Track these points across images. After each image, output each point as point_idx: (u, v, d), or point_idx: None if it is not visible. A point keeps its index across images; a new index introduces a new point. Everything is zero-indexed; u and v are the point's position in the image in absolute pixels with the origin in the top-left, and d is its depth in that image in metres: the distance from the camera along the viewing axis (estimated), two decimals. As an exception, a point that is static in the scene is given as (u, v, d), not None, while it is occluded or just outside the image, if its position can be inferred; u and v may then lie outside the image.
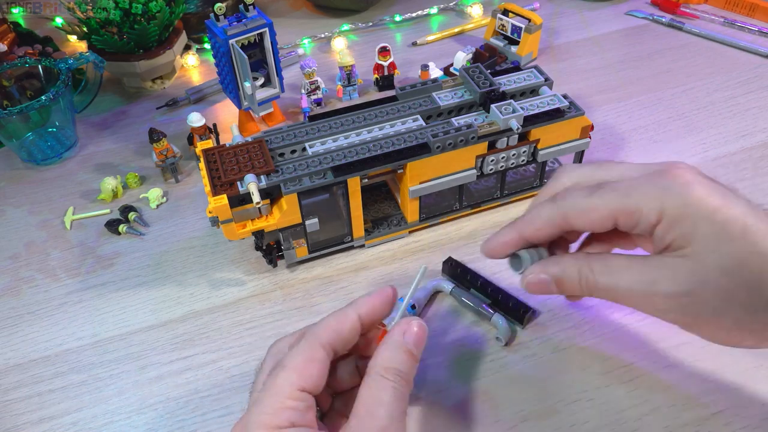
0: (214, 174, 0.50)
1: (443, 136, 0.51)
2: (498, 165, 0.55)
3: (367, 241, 0.57)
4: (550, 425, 0.44)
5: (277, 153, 0.52)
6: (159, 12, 0.73)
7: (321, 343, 0.34)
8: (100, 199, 0.65)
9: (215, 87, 0.78)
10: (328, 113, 0.55)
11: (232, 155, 0.51)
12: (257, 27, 0.62)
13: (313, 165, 0.50)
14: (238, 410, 0.46)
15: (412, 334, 0.35)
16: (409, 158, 0.51)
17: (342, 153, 0.51)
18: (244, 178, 0.48)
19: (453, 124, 0.53)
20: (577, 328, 0.49)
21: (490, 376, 0.47)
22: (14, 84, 0.71)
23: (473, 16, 0.90)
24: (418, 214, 0.57)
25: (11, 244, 0.61)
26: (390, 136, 0.53)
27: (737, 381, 0.45)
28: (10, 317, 0.54)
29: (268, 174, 0.49)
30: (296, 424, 0.32)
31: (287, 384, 0.33)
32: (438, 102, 0.56)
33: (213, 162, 0.51)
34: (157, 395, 0.48)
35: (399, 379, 0.34)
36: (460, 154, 0.52)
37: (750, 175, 0.61)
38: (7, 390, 0.49)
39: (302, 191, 0.49)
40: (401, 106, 0.56)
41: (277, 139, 0.53)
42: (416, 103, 0.56)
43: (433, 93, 0.57)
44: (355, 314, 0.36)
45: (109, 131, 0.74)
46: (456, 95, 0.56)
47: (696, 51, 0.80)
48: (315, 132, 0.53)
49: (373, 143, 0.52)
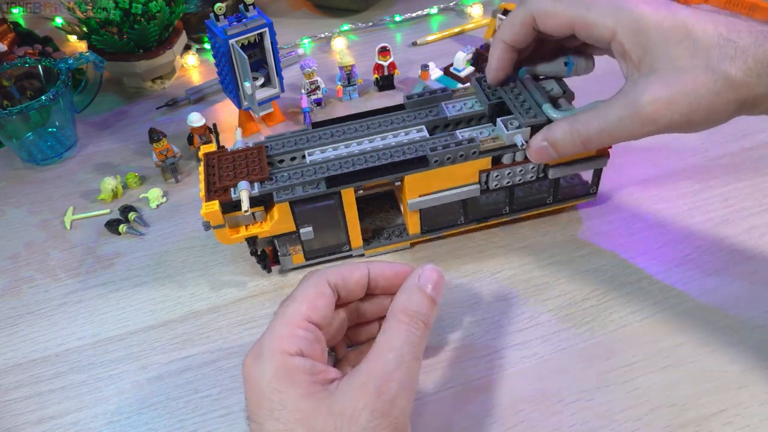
0: (211, 179, 0.50)
1: (442, 150, 0.48)
2: (504, 181, 0.52)
3: (367, 251, 0.56)
4: (550, 425, 0.44)
5: (277, 159, 0.52)
6: (159, 12, 0.73)
7: (328, 281, 0.37)
8: (100, 199, 0.65)
9: (215, 87, 0.78)
10: (333, 120, 0.54)
11: (230, 160, 0.50)
12: (257, 27, 0.62)
13: (308, 174, 0.49)
14: (238, 410, 0.46)
15: (427, 277, 0.37)
16: (406, 171, 0.49)
17: (338, 163, 0.50)
18: (238, 184, 0.48)
19: (456, 137, 0.51)
20: (576, 328, 0.49)
21: (490, 375, 0.47)
22: (14, 84, 0.71)
23: (473, 16, 0.90)
24: (419, 226, 0.55)
25: (11, 244, 0.61)
26: (390, 147, 0.51)
27: (737, 381, 0.45)
28: (10, 317, 0.54)
29: (262, 181, 0.49)
30: (305, 353, 0.34)
31: (297, 314, 0.35)
32: (446, 112, 0.53)
33: (212, 167, 0.51)
34: (157, 395, 0.48)
35: (414, 321, 0.35)
36: (461, 168, 0.50)
37: (750, 175, 0.61)
38: (7, 390, 0.49)
39: (295, 200, 0.48)
40: (407, 116, 0.54)
41: (278, 146, 0.52)
42: (423, 112, 0.54)
43: (443, 103, 0.54)
44: (366, 269, 0.39)
45: (109, 131, 0.74)
46: (466, 106, 0.53)
47: (696, 51, 0.80)
48: (316, 139, 0.52)
49: (372, 154, 0.50)
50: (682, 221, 0.57)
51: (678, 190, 0.60)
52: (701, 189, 0.60)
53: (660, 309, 0.50)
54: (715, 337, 0.48)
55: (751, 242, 0.55)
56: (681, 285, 0.52)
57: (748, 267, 0.53)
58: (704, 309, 0.50)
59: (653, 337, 0.48)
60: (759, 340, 0.47)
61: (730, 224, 0.56)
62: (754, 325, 0.48)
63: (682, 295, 0.51)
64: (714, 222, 0.57)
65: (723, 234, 0.56)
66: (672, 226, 0.57)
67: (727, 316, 0.49)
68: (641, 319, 0.50)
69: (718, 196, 0.59)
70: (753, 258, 0.53)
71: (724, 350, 0.47)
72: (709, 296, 0.51)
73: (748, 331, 0.48)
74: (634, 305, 0.51)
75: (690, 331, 0.49)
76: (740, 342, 0.47)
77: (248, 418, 0.35)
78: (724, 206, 0.58)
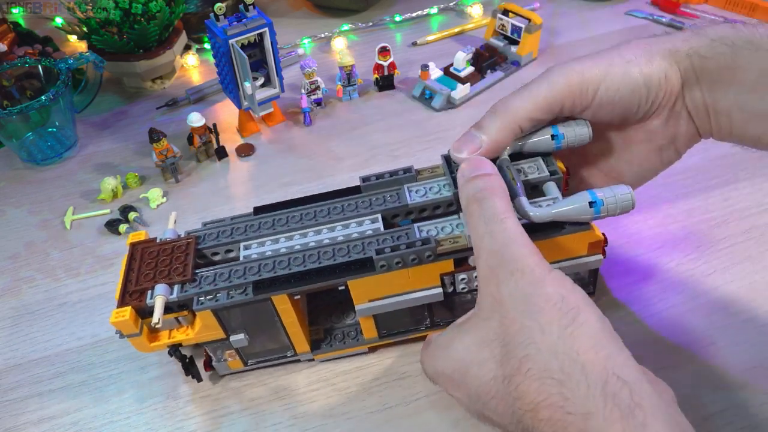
0: (129, 278, 0.43)
1: (390, 253, 0.41)
2: (473, 284, 0.44)
3: (316, 356, 0.48)
4: (550, 425, 0.44)
5: (210, 252, 0.45)
6: (159, 12, 0.73)
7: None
8: (100, 199, 0.65)
9: (215, 87, 0.78)
10: (279, 204, 0.47)
11: (154, 255, 0.44)
12: (257, 27, 0.62)
13: (236, 275, 0.42)
14: (238, 410, 0.46)
15: (463, 169, 0.39)
16: (348, 276, 0.41)
17: (272, 262, 0.43)
18: (155, 288, 0.42)
19: (413, 234, 0.43)
20: (577, 328, 0.49)
21: (490, 376, 0.47)
22: (14, 84, 0.71)
23: (473, 16, 0.90)
24: (375, 330, 0.47)
25: (11, 244, 0.61)
26: (335, 243, 0.43)
27: (737, 381, 0.45)
28: (10, 317, 0.54)
29: (183, 284, 0.42)
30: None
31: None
32: (408, 199, 0.45)
33: (134, 261, 0.44)
34: (157, 395, 0.48)
35: (476, 200, 0.36)
36: (417, 271, 0.42)
37: (750, 175, 0.61)
38: (7, 390, 0.49)
39: (217, 308, 0.42)
40: (362, 201, 0.46)
41: (212, 236, 0.46)
42: (381, 198, 0.46)
43: (405, 186, 0.46)
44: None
45: (109, 131, 0.74)
46: (431, 191, 0.45)
47: (696, 51, 0.80)
48: (255, 229, 0.45)
49: (312, 252, 0.43)
50: (682, 221, 0.57)
51: (678, 190, 0.60)
52: (701, 189, 0.60)
53: (660, 309, 0.50)
54: (715, 337, 0.48)
55: (751, 242, 0.55)
56: (681, 285, 0.52)
57: (748, 267, 0.53)
58: (704, 309, 0.50)
59: (653, 337, 0.48)
60: (759, 340, 0.47)
61: (730, 224, 0.56)
62: (754, 325, 0.48)
63: (681, 295, 0.51)
64: (714, 222, 0.57)
65: (723, 234, 0.56)
66: (672, 225, 0.57)
67: (727, 316, 0.49)
68: (641, 319, 0.50)
69: (718, 196, 0.59)
70: (753, 258, 0.53)
71: (724, 350, 0.47)
72: (709, 296, 0.51)
73: (748, 331, 0.48)
74: (634, 305, 0.51)
75: (690, 331, 0.49)
76: (740, 342, 0.47)
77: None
78: (724, 206, 0.58)
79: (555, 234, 0.42)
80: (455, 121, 0.72)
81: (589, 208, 0.39)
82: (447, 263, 0.42)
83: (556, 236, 0.42)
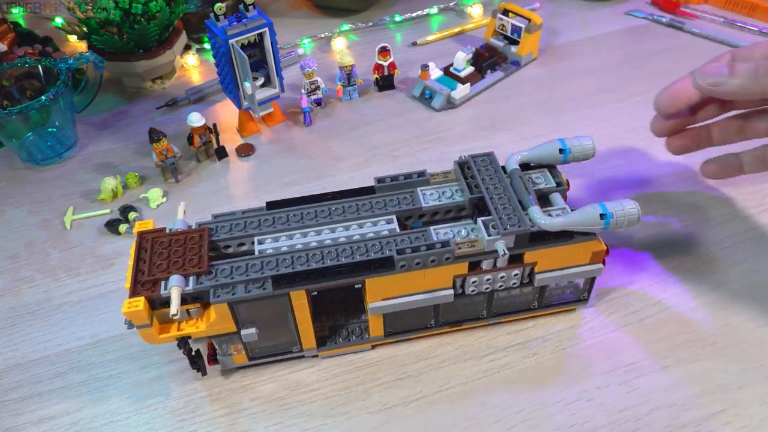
0: (140, 267, 0.42)
1: (411, 253, 0.42)
2: (482, 287, 0.45)
3: (321, 352, 0.48)
4: (550, 425, 0.44)
5: (222, 245, 0.45)
6: (159, 12, 0.73)
7: None
8: (100, 199, 0.65)
9: (215, 87, 0.78)
10: (292, 201, 0.47)
11: (166, 245, 0.43)
12: (257, 27, 0.62)
13: (254, 270, 0.42)
14: (238, 410, 0.46)
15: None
16: (367, 274, 0.42)
17: (290, 258, 0.43)
18: (170, 278, 0.41)
19: (430, 236, 0.44)
20: (576, 328, 0.49)
21: (490, 376, 0.47)
22: (14, 84, 0.71)
23: (473, 16, 0.90)
24: (382, 328, 0.48)
25: (11, 244, 0.61)
26: (353, 242, 0.43)
27: (737, 381, 0.45)
28: (10, 317, 0.54)
29: (199, 275, 0.42)
30: None
31: None
32: (421, 202, 0.46)
33: (144, 250, 0.43)
34: (157, 395, 0.48)
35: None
36: (432, 272, 0.43)
37: (750, 175, 0.60)
38: (7, 390, 0.49)
39: (234, 302, 0.42)
40: (376, 202, 0.46)
41: (224, 228, 0.45)
42: (395, 199, 0.47)
43: (418, 189, 0.47)
44: None
45: (109, 131, 0.74)
46: (444, 195, 0.46)
47: (696, 51, 0.80)
48: (269, 224, 0.45)
49: (330, 249, 0.43)
50: (682, 221, 0.57)
51: (678, 190, 0.60)
52: (702, 189, 0.60)
53: (660, 309, 0.50)
54: (716, 337, 0.48)
55: (751, 242, 0.55)
56: (681, 285, 0.52)
57: (748, 267, 0.53)
58: (704, 309, 0.50)
59: (653, 337, 0.48)
60: (759, 340, 0.47)
61: (730, 224, 0.56)
62: (754, 324, 0.49)
63: (681, 295, 0.51)
64: (714, 222, 0.57)
65: (723, 234, 0.56)
66: (672, 225, 0.57)
67: (727, 316, 0.49)
68: (641, 320, 0.50)
69: (719, 196, 0.59)
70: (753, 258, 0.53)
71: (724, 350, 0.47)
72: (709, 296, 0.51)
73: (748, 331, 0.48)
74: (634, 305, 0.51)
75: (690, 331, 0.49)
76: (740, 342, 0.47)
77: None
78: (724, 206, 0.58)
79: (565, 242, 0.43)
80: (455, 121, 0.72)
81: (600, 219, 0.41)
82: (462, 266, 0.43)
83: (565, 244, 0.44)
